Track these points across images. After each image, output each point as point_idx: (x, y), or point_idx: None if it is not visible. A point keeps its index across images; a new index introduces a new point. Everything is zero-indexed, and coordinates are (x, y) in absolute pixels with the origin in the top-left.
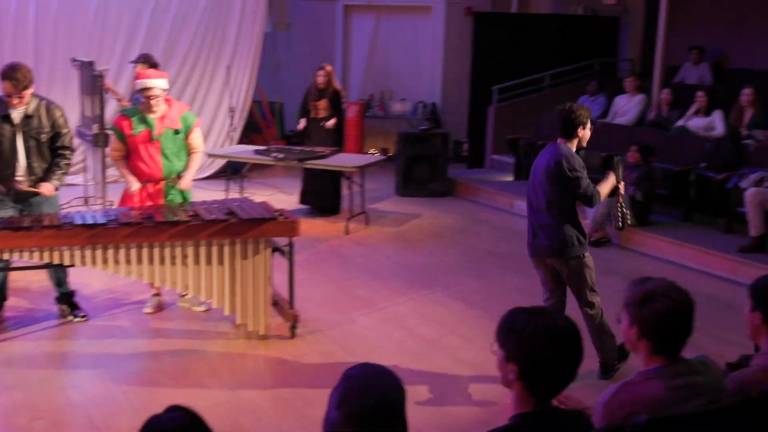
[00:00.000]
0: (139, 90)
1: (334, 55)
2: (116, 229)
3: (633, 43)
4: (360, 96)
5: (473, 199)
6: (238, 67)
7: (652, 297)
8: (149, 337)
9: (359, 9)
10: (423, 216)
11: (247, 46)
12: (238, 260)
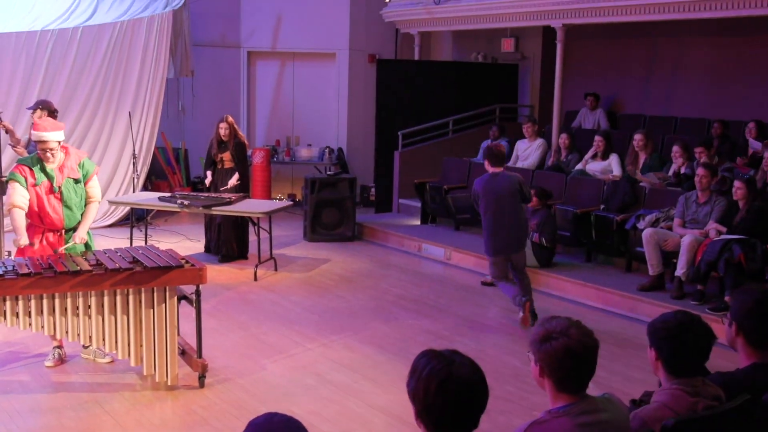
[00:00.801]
0: (35, 141)
1: (239, 101)
2: (15, 280)
3: (532, 89)
4: (266, 141)
5: (382, 243)
6: (140, 113)
7: (551, 336)
8: (51, 392)
9: (263, 55)
10: (332, 261)
11: (150, 92)
12: (144, 309)
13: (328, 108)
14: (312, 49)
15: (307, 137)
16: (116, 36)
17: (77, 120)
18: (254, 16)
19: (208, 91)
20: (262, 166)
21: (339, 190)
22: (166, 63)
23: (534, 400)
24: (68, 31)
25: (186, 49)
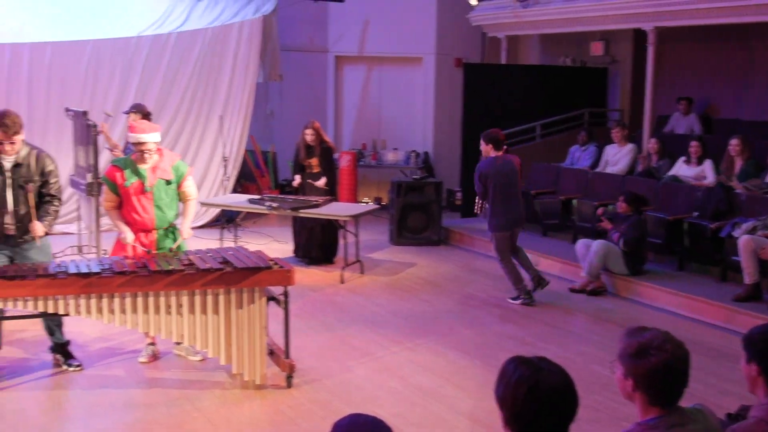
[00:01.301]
0: (132, 143)
1: (326, 105)
2: (111, 278)
3: (622, 93)
4: (352, 145)
5: (467, 247)
6: (231, 116)
7: (648, 350)
8: (144, 387)
9: (350, 60)
10: (417, 265)
11: (240, 97)
12: (233, 309)
13: (415, 112)
14: (398, 53)
15: (393, 141)
16: (208, 41)
17: (170, 123)
18: (342, 21)
19: (296, 95)
20: (349, 169)
21: (425, 194)
22: (255, 67)
23: (622, 410)
24: (162, 36)
25: (275, 54)
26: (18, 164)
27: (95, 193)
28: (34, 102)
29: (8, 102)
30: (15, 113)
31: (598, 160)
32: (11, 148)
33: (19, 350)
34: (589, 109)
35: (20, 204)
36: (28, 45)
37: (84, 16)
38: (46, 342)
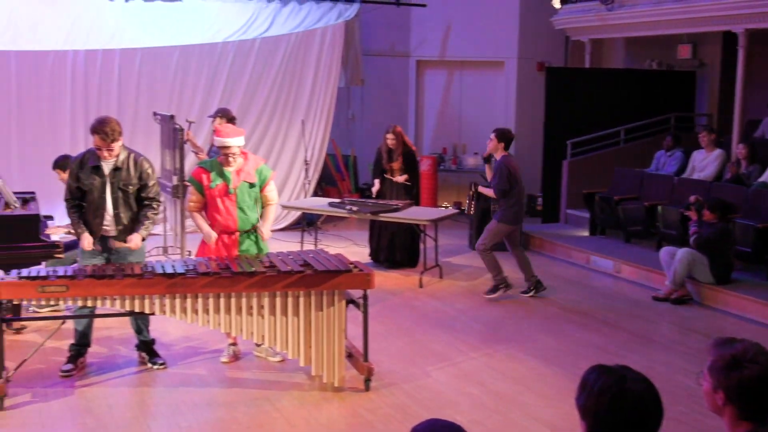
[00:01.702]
0: (218, 147)
1: (407, 110)
2: (195, 278)
3: (710, 98)
4: (433, 150)
5: (548, 253)
6: (312, 121)
7: (740, 362)
8: (225, 387)
9: (432, 64)
10: None
11: (322, 101)
12: (313, 311)
13: (496, 116)
14: (480, 57)
15: (473, 145)
16: (291, 47)
17: (254, 127)
18: (424, 25)
19: (378, 99)
20: (429, 173)
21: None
22: (337, 72)
23: (708, 423)
24: (247, 42)
25: (357, 59)
26: (117, 168)
27: (180, 196)
28: (123, 106)
29: (99, 106)
30: (115, 120)
31: (684, 166)
32: (109, 154)
33: (107, 347)
34: (675, 113)
35: (119, 207)
36: (119, 51)
37: (172, 22)
38: (132, 340)
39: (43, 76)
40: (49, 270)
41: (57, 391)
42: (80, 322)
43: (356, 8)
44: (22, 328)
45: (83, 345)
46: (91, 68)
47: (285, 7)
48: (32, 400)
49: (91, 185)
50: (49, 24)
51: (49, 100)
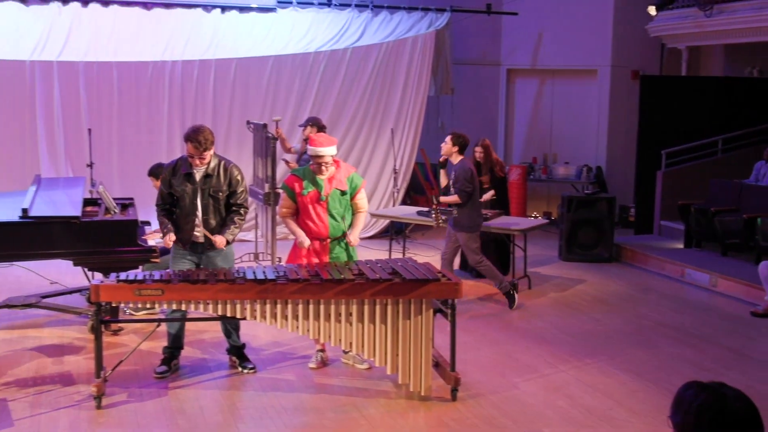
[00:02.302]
0: (311, 155)
1: (497, 118)
2: (285, 285)
3: None
4: (523, 159)
5: (641, 266)
6: (402, 129)
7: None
8: (313, 393)
9: (523, 73)
10: (587, 282)
11: (412, 110)
12: (401, 320)
13: (588, 125)
14: (572, 65)
15: (564, 155)
16: (382, 56)
17: (344, 136)
18: (515, 33)
19: (468, 108)
20: (518, 183)
21: (597, 210)
22: (427, 81)
23: None
24: (339, 52)
25: (447, 68)
26: (208, 175)
27: (272, 203)
28: (218, 115)
29: (194, 114)
30: (208, 130)
31: None
32: (201, 161)
33: (199, 351)
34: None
35: (209, 213)
36: (214, 61)
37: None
38: (223, 344)
39: (142, 86)
40: (146, 274)
41: (151, 391)
42: (174, 325)
43: (447, 17)
44: (120, 330)
45: (176, 348)
46: (188, 78)
47: (377, 16)
48: (128, 399)
49: (182, 192)
50: (149, 36)
51: (147, 110)
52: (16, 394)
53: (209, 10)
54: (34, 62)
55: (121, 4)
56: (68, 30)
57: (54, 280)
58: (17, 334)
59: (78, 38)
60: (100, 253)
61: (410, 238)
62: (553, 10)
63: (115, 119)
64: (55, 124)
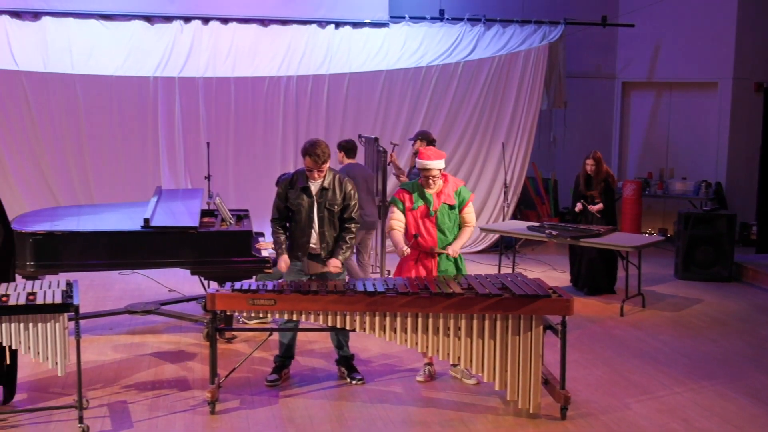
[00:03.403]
0: (420, 169)
1: (611, 132)
2: (394, 297)
3: None
4: (637, 174)
5: (762, 285)
6: (513, 143)
7: None
8: (420, 406)
9: (639, 86)
10: (704, 301)
11: (523, 124)
12: (510, 335)
13: (707, 139)
14: (691, 78)
15: (681, 170)
16: (494, 70)
17: (454, 149)
18: (631, 45)
19: (580, 122)
20: (633, 198)
21: (716, 227)
22: (540, 95)
23: None
24: (450, 65)
25: (560, 81)
26: (324, 188)
27: (382, 216)
28: (330, 129)
29: (308, 128)
30: (325, 144)
31: None
32: (319, 175)
33: (309, 360)
34: None
35: (324, 226)
36: (328, 76)
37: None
38: (333, 354)
39: (258, 101)
40: (259, 284)
41: (262, 399)
42: (285, 335)
43: (561, 30)
44: (233, 338)
45: (287, 357)
46: (302, 93)
47: (489, 30)
48: (240, 406)
49: (299, 205)
50: (266, 52)
51: (262, 123)
52: (136, 397)
53: (324, 26)
54: (157, 78)
55: (239, 21)
56: (189, 47)
57: (172, 288)
58: (137, 340)
59: (198, 55)
60: (215, 262)
61: (520, 253)
62: (672, 21)
63: (231, 133)
64: (176, 138)
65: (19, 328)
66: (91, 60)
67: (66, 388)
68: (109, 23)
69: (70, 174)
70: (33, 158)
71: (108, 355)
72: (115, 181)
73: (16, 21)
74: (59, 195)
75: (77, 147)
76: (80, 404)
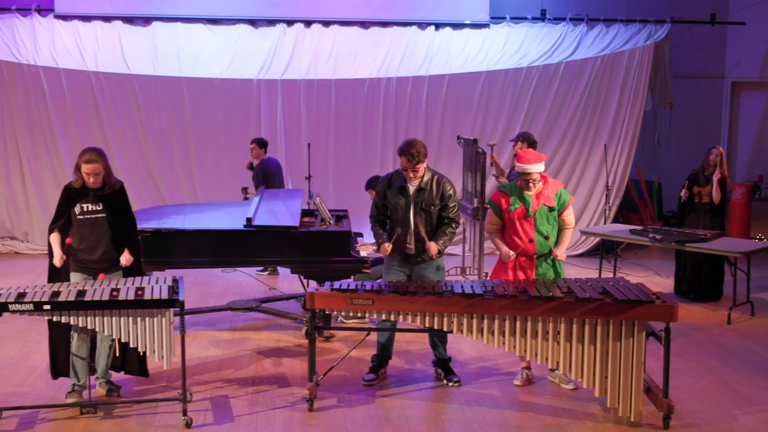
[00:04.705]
0: (518, 172)
1: (720, 134)
2: (492, 300)
3: None
4: (747, 177)
5: None
6: (616, 145)
7: None
8: (518, 410)
9: (749, 86)
10: None
11: (626, 125)
12: (611, 341)
13: None
14: None
15: None
16: (596, 70)
17: (555, 151)
18: (741, 44)
19: (687, 123)
20: (742, 202)
21: None
22: (644, 95)
23: None
24: (552, 66)
25: (665, 81)
26: (421, 188)
27: (480, 218)
28: (429, 130)
29: (407, 129)
30: (421, 143)
31: None
32: (415, 175)
33: (405, 361)
34: None
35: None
36: (428, 77)
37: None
38: (429, 356)
39: (358, 103)
40: (358, 284)
41: (359, 398)
42: (383, 335)
43: (667, 29)
44: (331, 337)
45: (384, 357)
46: (402, 94)
47: (592, 30)
48: (337, 404)
49: (396, 204)
50: (366, 54)
51: (362, 125)
52: (237, 392)
53: (424, 28)
54: (260, 81)
55: (341, 23)
56: (292, 50)
57: (272, 286)
58: (239, 336)
59: (300, 57)
60: (315, 262)
61: (622, 257)
62: None
63: (332, 134)
64: (278, 139)
65: (128, 322)
66: (197, 63)
67: (171, 381)
68: (216, 27)
69: (176, 173)
70: (142, 158)
71: (210, 350)
72: (219, 180)
73: (128, 26)
74: (166, 193)
75: (183, 147)
76: (184, 397)
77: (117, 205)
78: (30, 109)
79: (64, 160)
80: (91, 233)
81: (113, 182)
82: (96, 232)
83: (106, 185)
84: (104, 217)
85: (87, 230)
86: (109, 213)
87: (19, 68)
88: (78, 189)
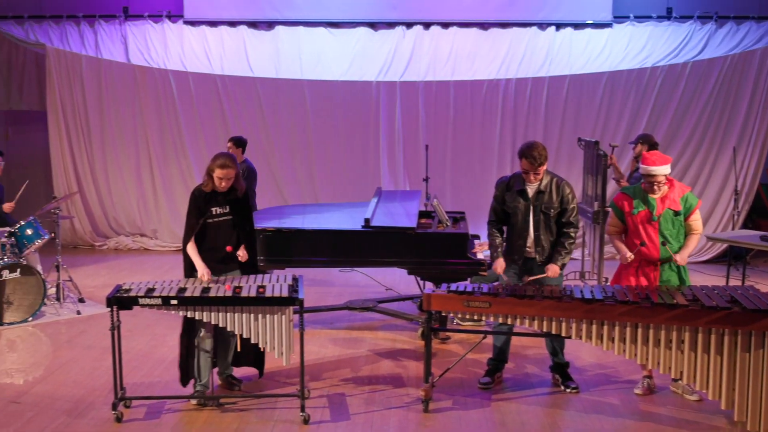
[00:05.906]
0: (643, 174)
1: None
2: (613, 306)
3: None
4: None
5: None
6: (746, 148)
7: None
8: (638, 419)
9: None
10: None
11: (758, 127)
12: (739, 352)
13: None
14: None
15: None
16: (726, 70)
17: (680, 154)
18: None
19: None
20: None
21: None
22: None
23: None
24: (677, 66)
25: None
26: (540, 191)
27: (600, 222)
28: (549, 132)
29: (525, 131)
30: (542, 146)
31: None
32: (535, 177)
33: (522, 366)
34: None
35: (540, 229)
36: (548, 78)
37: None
38: (546, 361)
39: (476, 104)
40: (475, 286)
41: (475, 401)
42: (499, 338)
43: None
44: (447, 339)
45: (501, 360)
46: (521, 96)
47: (721, 28)
48: (452, 406)
49: (515, 208)
50: (485, 55)
51: (480, 126)
52: (353, 390)
53: (544, 28)
54: (379, 83)
55: (460, 25)
56: (411, 52)
57: (389, 286)
58: (356, 335)
59: (419, 59)
60: (432, 263)
61: (751, 264)
62: None
63: (450, 136)
64: (396, 141)
65: (249, 319)
66: (318, 66)
67: (290, 378)
68: (336, 30)
69: (296, 173)
70: (264, 158)
71: (328, 348)
72: (338, 181)
73: (252, 31)
74: (287, 193)
75: (304, 148)
76: (302, 394)
77: (243, 209)
78: (160, 111)
79: (191, 160)
80: (216, 235)
81: (241, 186)
82: (221, 234)
83: (234, 189)
84: (230, 220)
85: (213, 232)
86: (236, 216)
87: (150, 72)
88: (208, 193)
